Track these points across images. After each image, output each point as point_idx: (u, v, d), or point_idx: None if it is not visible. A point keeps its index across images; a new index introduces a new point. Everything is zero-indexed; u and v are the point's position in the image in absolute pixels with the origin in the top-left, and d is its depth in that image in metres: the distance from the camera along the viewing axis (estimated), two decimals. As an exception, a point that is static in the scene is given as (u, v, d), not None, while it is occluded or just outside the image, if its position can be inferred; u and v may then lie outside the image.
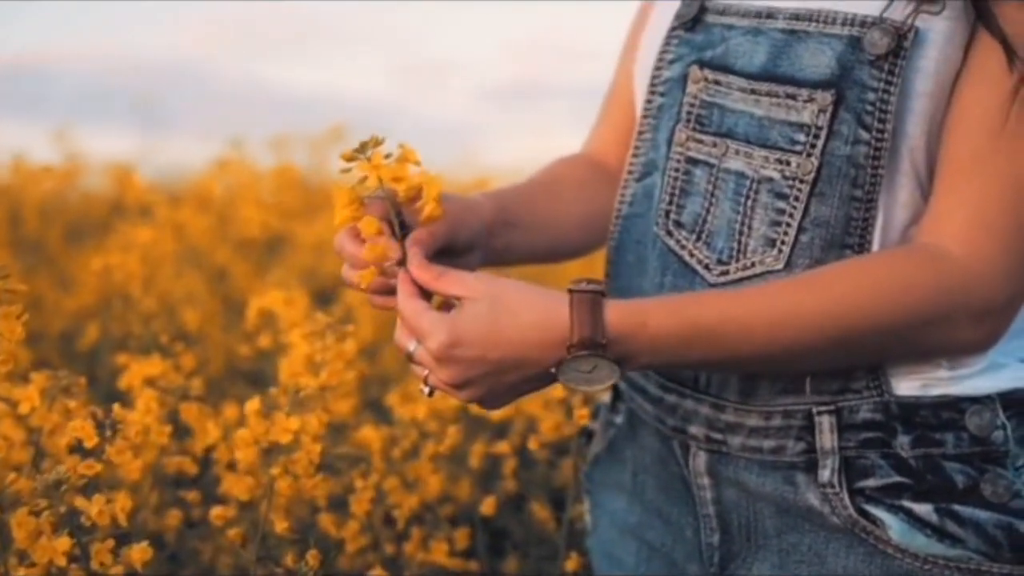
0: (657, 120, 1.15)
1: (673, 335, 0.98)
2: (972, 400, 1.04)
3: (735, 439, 1.09)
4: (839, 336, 0.99)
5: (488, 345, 0.97)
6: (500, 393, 1.01)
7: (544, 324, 0.97)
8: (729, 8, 1.11)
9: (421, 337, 0.99)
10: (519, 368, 0.98)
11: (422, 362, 1.01)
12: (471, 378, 0.99)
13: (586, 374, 0.98)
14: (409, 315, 1.01)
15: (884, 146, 1.01)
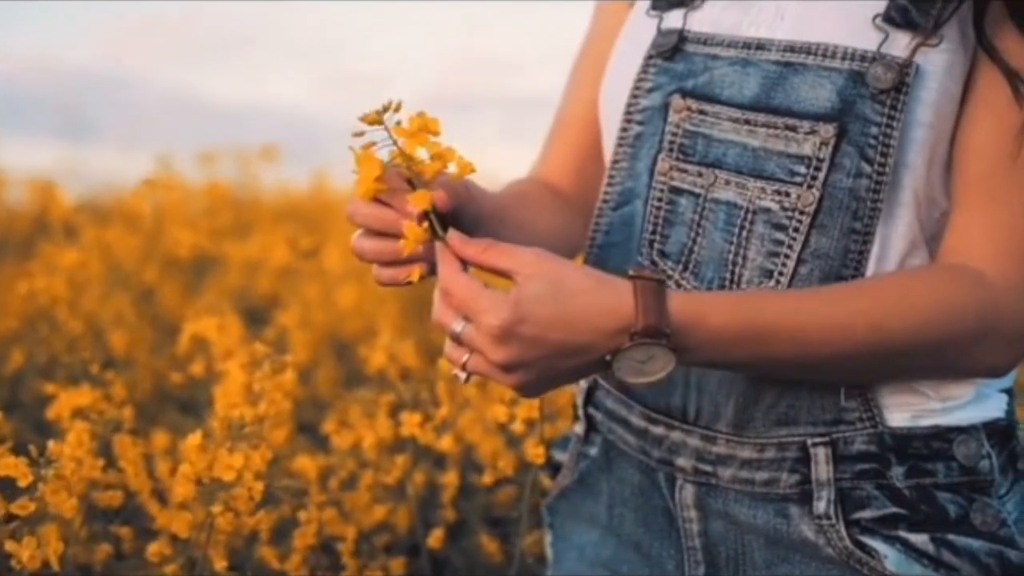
0: (634, 149, 1.14)
1: (730, 331, 0.96)
2: (959, 430, 1.05)
3: (726, 471, 1.08)
4: (884, 349, 0.99)
5: (552, 327, 0.92)
6: (549, 379, 0.96)
7: (608, 310, 0.94)
8: (712, 38, 1.10)
9: (476, 314, 0.92)
10: (578, 354, 0.94)
11: (470, 342, 0.94)
12: (526, 360, 0.93)
13: (640, 364, 0.95)
14: (461, 291, 0.94)
15: (885, 179, 1.02)
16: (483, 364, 0.94)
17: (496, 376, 0.95)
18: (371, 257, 1.01)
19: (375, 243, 1.00)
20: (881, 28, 1.02)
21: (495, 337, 0.92)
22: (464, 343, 0.94)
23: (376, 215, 0.99)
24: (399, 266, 1.01)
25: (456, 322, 0.94)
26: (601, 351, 0.94)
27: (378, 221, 0.99)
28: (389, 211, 0.98)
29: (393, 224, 0.98)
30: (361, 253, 1.01)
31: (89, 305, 2.31)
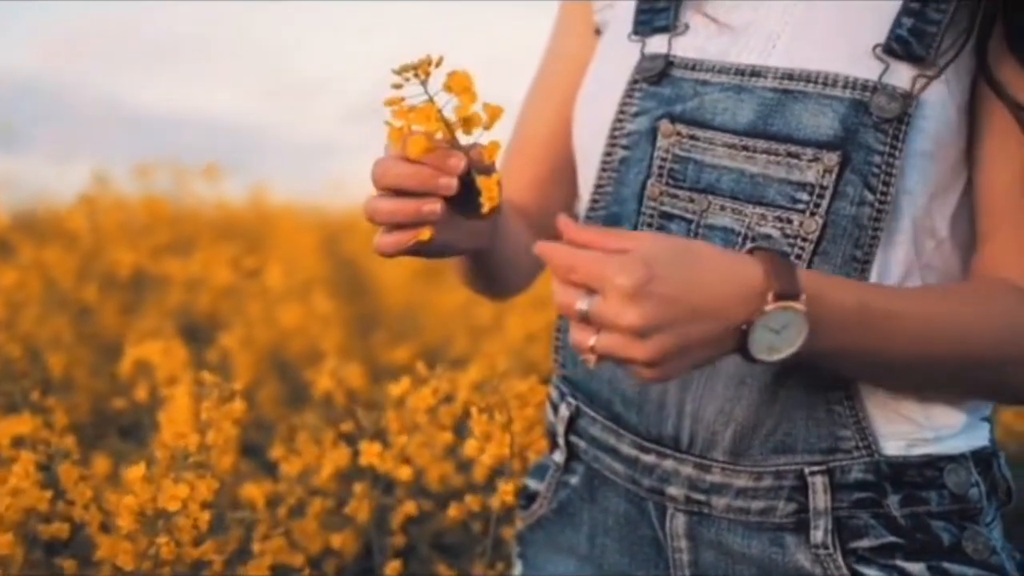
0: (620, 173, 1.13)
1: (845, 310, 0.94)
2: (950, 459, 1.06)
3: (720, 500, 1.08)
4: (966, 356, 0.99)
5: (685, 288, 0.88)
6: (682, 350, 0.89)
7: (740, 274, 0.90)
8: (701, 63, 1.10)
9: (605, 280, 0.86)
10: (713, 319, 0.89)
11: (599, 314, 0.87)
12: (662, 322, 0.87)
13: (775, 334, 0.91)
14: (586, 262, 0.88)
15: (887, 208, 1.02)
16: (613, 339, 0.88)
17: (628, 350, 0.88)
18: (386, 217, 0.97)
19: (395, 203, 0.96)
20: (881, 58, 1.03)
21: (627, 297, 0.86)
22: (592, 319, 0.88)
23: (412, 173, 0.95)
24: (405, 230, 0.97)
25: (582, 300, 0.88)
26: (736, 319, 0.90)
27: (413, 179, 0.95)
28: (425, 168, 0.95)
29: (428, 182, 0.95)
30: (375, 213, 0.97)
31: (26, 326, 2.27)
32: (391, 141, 0.95)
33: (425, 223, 0.97)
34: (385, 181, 0.96)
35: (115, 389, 2.05)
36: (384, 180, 0.96)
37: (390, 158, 0.97)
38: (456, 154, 0.94)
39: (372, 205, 0.98)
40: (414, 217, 0.96)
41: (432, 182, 0.95)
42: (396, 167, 0.96)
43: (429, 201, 0.96)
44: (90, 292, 2.52)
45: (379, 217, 0.97)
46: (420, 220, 0.96)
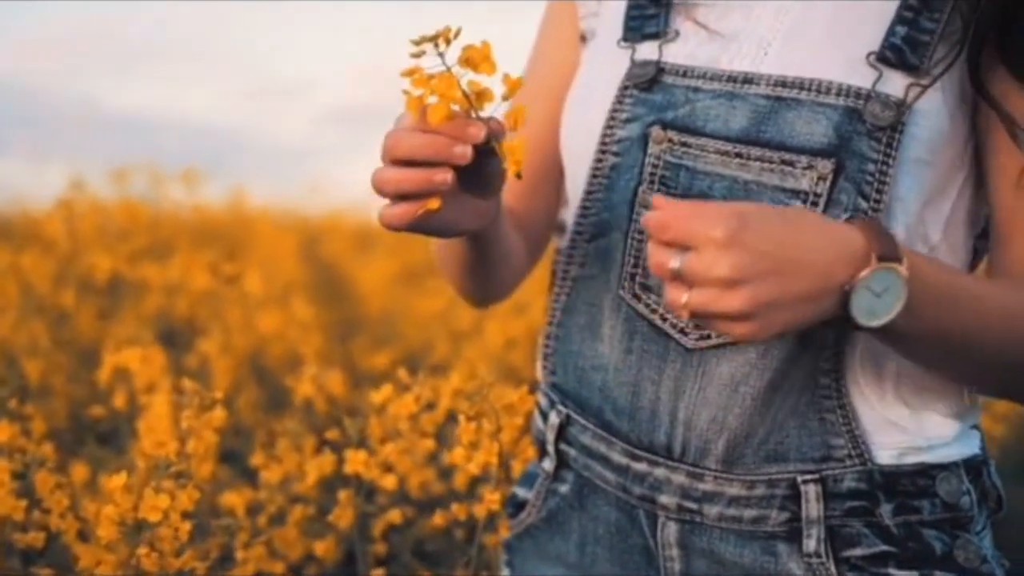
0: (610, 180, 1.12)
1: (939, 285, 0.94)
2: (942, 467, 1.06)
3: (712, 509, 1.07)
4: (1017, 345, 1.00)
5: (782, 242, 0.87)
6: (780, 304, 0.87)
7: (840, 237, 0.90)
8: (691, 70, 1.09)
9: (698, 232, 0.86)
10: (811, 275, 0.88)
11: (691, 268, 0.86)
12: (755, 273, 0.86)
13: (876, 298, 0.90)
14: (680, 217, 0.87)
15: (880, 215, 1.02)
16: (706, 293, 0.86)
17: (720, 302, 0.86)
18: (393, 187, 0.95)
19: (405, 172, 0.94)
20: (875, 66, 1.03)
21: (720, 246, 0.85)
22: (685, 275, 0.87)
23: (427, 143, 0.93)
24: (413, 201, 0.96)
25: (674, 258, 0.87)
26: (836, 278, 0.89)
27: (428, 148, 0.93)
28: (440, 137, 0.93)
29: (443, 151, 0.93)
30: (384, 184, 0.95)
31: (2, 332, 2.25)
32: (408, 111, 0.94)
33: (435, 194, 0.95)
34: (398, 151, 0.94)
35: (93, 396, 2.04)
36: (397, 150, 0.94)
37: (403, 129, 0.95)
38: (476, 123, 0.93)
39: (380, 175, 0.96)
40: (424, 186, 0.94)
41: (447, 151, 0.93)
42: (410, 137, 0.94)
43: (440, 170, 0.94)
44: (67, 297, 2.50)
45: (387, 187, 0.95)
46: (430, 189, 0.94)
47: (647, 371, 1.08)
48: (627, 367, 1.09)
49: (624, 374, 1.09)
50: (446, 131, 0.93)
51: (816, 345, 1.04)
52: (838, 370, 1.05)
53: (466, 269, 1.20)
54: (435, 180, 0.94)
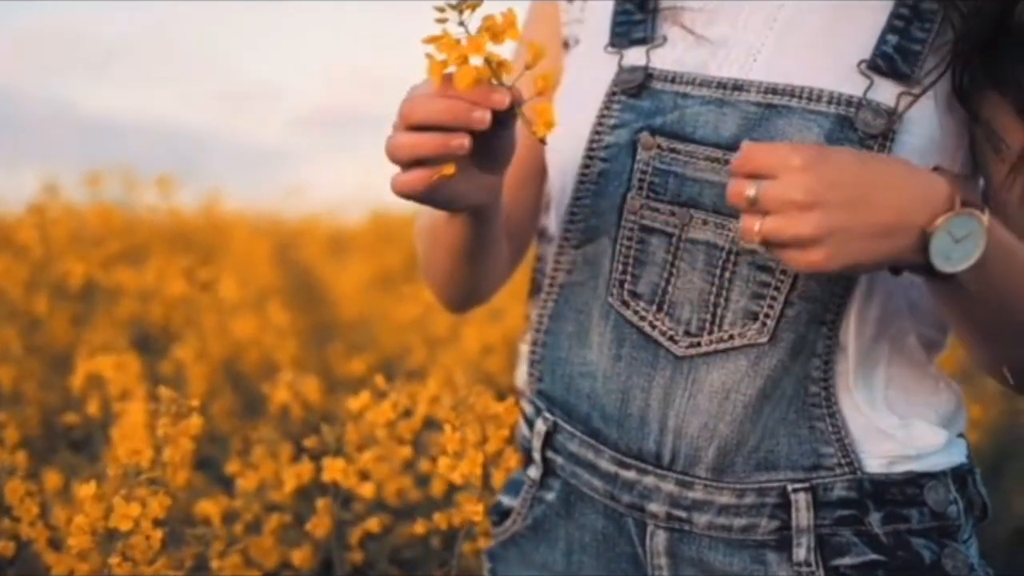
0: (598, 186, 1.11)
1: (1006, 243, 0.95)
2: (930, 476, 1.06)
3: (702, 517, 1.07)
4: None
5: (861, 175, 0.90)
6: (854, 233, 0.90)
7: (924, 179, 0.92)
8: (680, 76, 1.09)
9: (780, 159, 0.91)
10: (889, 210, 0.90)
11: (765, 195, 0.90)
12: (830, 199, 0.89)
13: (955, 244, 0.91)
14: (761, 151, 0.92)
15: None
16: (779, 219, 0.90)
17: (792, 226, 0.89)
18: (408, 152, 0.95)
19: (421, 136, 0.95)
20: (866, 74, 1.03)
21: (798, 171, 0.89)
22: (760, 203, 0.91)
23: (447, 107, 0.93)
24: (427, 167, 0.96)
25: (751, 186, 0.91)
26: (915, 218, 0.90)
27: (447, 112, 0.93)
28: (460, 102, 0.93)
29: (462, 115, 0.93)
30: (398, 148, 0.96)
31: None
32: (430, 76, 0.94)
33: (449, 160, 0.95)
34: (416, 115, 0.94)
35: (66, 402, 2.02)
36: (415, 115, 0.94)
37: (422, 94, 0.94)
38: (500, 89, 0.93)
39: (395, 140, 0.96)
40: (440, 150, 0.94)
41: (466, 115, 0.93)
42: (429, 101, 0.94)
43: (458, 135, 0.94)
44: (40, 303, 2.48)
45: (402, 152, 0.95)
46: (446, 155, 0.94)
47: (636, 378, 1.08)
48: (616, 374, 1.09)
49: (613, 381, 1.09)
50: (469, 97, 0.93)
51: (807, 353, 1.04)
52: (828, 379, 1.05)
53: (457, 255, 1.18)
54: (452, 145, 0.94)
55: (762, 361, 1.04)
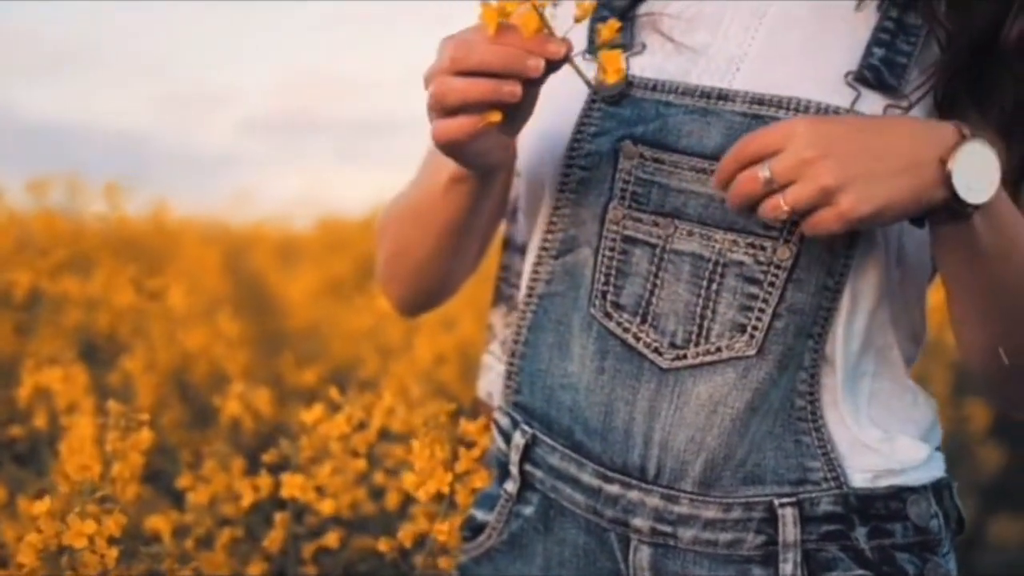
0: (578, 195, 1.10)
1: (1005, 197, 0.98)
2: (912, 490, 1.07)
3: (687, 532, 1.06)
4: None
5: (861, 125, 0.96)
6: (874, 175, 0.93)
7: (923, 123, 0.98)
8: (661, 84, 1.08)
9: (779, 131, 0.95)
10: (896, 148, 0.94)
11: (777, 166, 0.94)
12: (842, 148, 0.93)
13: (974, 173, 0.94)
14: (762, 131, 0.96)
15: (858, 236, 1.03)
16: (801, 184, 0.93)
17: (814, 181, 0.92)
18: (459, 97, 0.95)
19: (472, 81, 0.94)
20: (853, 86, 1.04)
21: (800, 133, 0.93)
22: (775, 177, 0.94)
23: (502, 53, 0.93)
24: (470, 115, 0.96)
25: (761, 168, 0.94)
26: (926, 153, 0.94)
27: (502, 59, 0.94)
28: (516, 49, 0.94)
29: (517, 62, 0.94)
30: (449, 92, 0.95)
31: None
32: (485, 21, 0.94)
33: (500, 107, 0.96)
34: (469, 61, 0.94)
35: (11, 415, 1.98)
36: (468, 60, 0.94)
37: (472, 39, 0.94)
38: (556, 39, 0.94)
39: (444, 84, 0.95)
40: (492, 96, 0.94)
41: (522, 63, 0.93)
42: (483, 46, 0.94)
43: (509, 82, 0.94)
44: (-18, 313, 2.43)
45: (451, 97, 0.95)
46: (497, 101, 0.95)
47: (620, 391, 1.07)
48: (599, 387, 1.08)
49: (596, 394, 1.08)
50: (525, 45, 0.93)
51: (794, 366, 1.04)
52: (814, 392, 1.05)
53: (448, 230, 1.16)
54: (504, 91, 0.94)
55: (750, 374, 1.04)
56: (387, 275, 1.29)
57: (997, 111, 1.04)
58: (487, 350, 1.35)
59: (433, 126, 0.99)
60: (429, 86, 0.98)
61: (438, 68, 0.97)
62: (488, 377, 1.33)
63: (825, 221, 0.94)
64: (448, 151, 1.01)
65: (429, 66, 0.99)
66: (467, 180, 1.10)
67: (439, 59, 0.97)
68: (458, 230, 1.17)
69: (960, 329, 1.09)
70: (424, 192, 1.16)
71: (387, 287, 1.32)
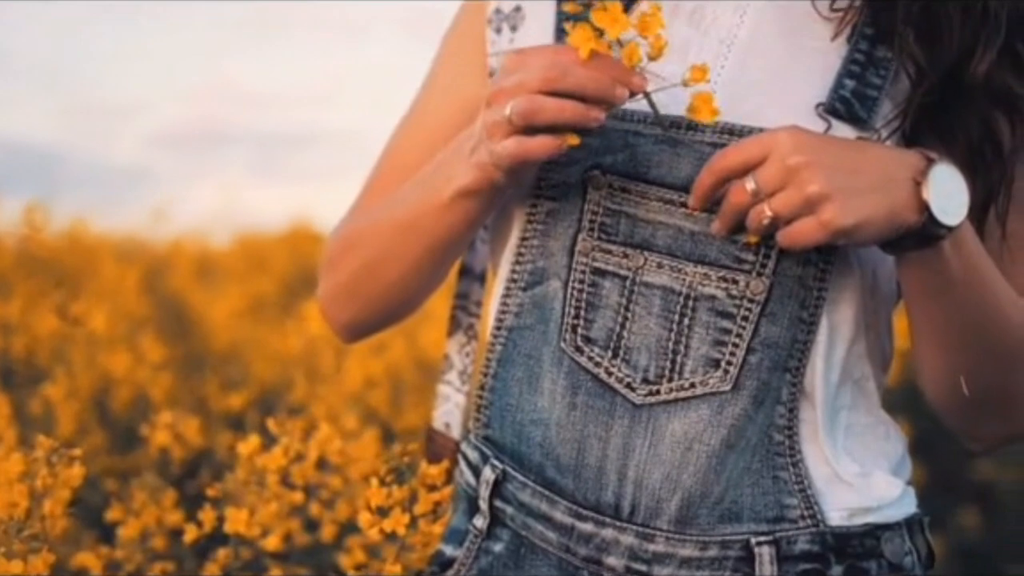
0: (547, 226, 1.08)
1: (971, 240, 1.00)
2: (886, 527, 1.06)
3: (663, 571, 1.04)
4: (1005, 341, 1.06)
5: (835, 143, 0.97)
6: (854, 189, 0.94)
7: (889, 148, 1.00)
8: (630, 114, 1.06)
9: (761, 141, 0.95)
10: (870, 167, 0.95)
11: (760, 176, 0.95)
12: (824, 158, 0.94)
13: (946, 195, 0.95)
14: (736, 145, 0.97)
15: (831, 268, 1.02)
16: (787, 191, 0.94)
17: (800, 189, 0.94)
18: (551, 116, 0.96)
19: (564, 102, 0.96)
20: (824, 118, 1.04)
21: (784, 141, 0.94)
22: (761, 187, 0.95)
23: (596, 79, 0.95)
24: (553, 135, 0.97)
25: (747, 180, 0.95)
26: (898, 173, 0.95)
27: (596, 84, 0.96)
28: (607, 77, 0.96)
29: (608, 90, 0.96)
30: (541, 111, 0.96)
31: None
32: (581, 44, 0.95)
33: (584, 131, 0.98)
34: (565, 83, 0.95)
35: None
36: (564, 81, 0.95)
37: (566, 61, 0.96)
38: (639, 74, 0.96)
39: (536, 102, 0.96)
40: (580, 120, 0.96)
41: (611, 91, 0.96)
42: (580, 71, 0.95)
43: (596, 108, 0.96)
44: None
45: (543, 116, 0.96)
46: (584, 124, 0.97)
47: (593, 427, 1.05)
48: (571, 423, 1.06)
49: (568, 430, 1.06)
50: (613, 74, 0.95)
51: (771, 401, 1.04)
52: (792, 427, 1.04)
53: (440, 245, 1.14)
54: (591, 116, 0.96)
55: (725, 410, 1.03)
56: (346, 294, 1.24)
57: (963, 145, 1.05)
58: (443, 379, 1.33)
59: (508, 142, 0.98)
60: (507, 101, 0.98)
61: (525, 84, 0.97)
62: (445, 407, 1.31)
63: (806, 230, 0.95)
64: (514, 168, 1.01)
65: (504, 79, 0.99)
66: (478, 195, 1.07)
67: (525, 75, 0.97)
68: (451, 245, 1.15)
69: (923, 360, 1.09)
70: (416, 205, 1.13)
71: (342, 307, 1.26)
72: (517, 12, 1.20)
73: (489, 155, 1.01)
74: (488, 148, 1.01)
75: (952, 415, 1.13)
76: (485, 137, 1.01)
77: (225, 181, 11.39)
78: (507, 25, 1.20)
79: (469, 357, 1.29)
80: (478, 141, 1.03)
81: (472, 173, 1.05)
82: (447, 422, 1.31)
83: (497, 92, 0.99)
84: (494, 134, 1.00)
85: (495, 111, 0.99)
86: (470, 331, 1.29)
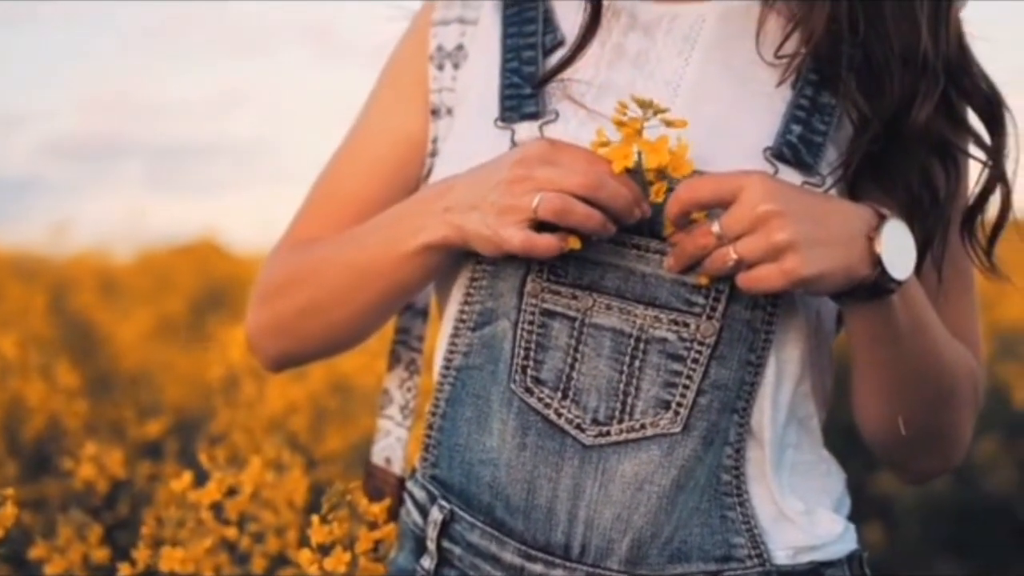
0: (496, 267, 1.08)
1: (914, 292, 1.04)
2: (829, 564, 1.08)
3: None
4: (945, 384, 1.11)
5: (800, 192, 1.00)
6: (819, 240, 0.96)
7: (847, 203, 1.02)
8: None
9: (733, 184, 0.97)
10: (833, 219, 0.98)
11: (725, 221, 0.97)
12: (792, 208, 0.96)
13: (897, 251, 0.99)
14: (705, 178, 0.99)
15: (778, 312, 1.04)
16: (753, 236, 0.96)
17: (767, 236, 0.95)
18: (579, 220, 0.99)
19: (592, 211, 1.00)
20: (771, 162, 1.05)
21: (755, 184, 0.96)
22: (726, 231, 0.96)
23: (623, 195, 1.00)
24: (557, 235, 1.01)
25: (712, 224, 0.97)
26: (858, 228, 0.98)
27: (621, 200, 1.00)
28: (629, 196, 1.00)
29: (629, 210, 1.00)
30: (572, 214, 0.99)
31: None
32: (617, 160, 0.99)
33: (592, 235, 1.02)
34: (599, 194, 0.99)
35: None
36: (599, 193, 0.99)
37: (602, 173, 0.99)
38: (648, 203, 1.01)
39: (569, 204, 0.99)
40: (599, 230, 1.00)
41: (631, 212, 1.00)
42: (615, 187, 1.00)
43: (610, 222, 1.00)
44: None
45: (571, 218, 0.99)
46: (597, 232, 1.01)
47: (543, 468, 1.05)
48: (521, 464, 1.06)
49: (518, 471, 1.06)
50: (631, 192, 1.00)
51: (719, 441, 1.05)
52: (739, 466, 1.06)
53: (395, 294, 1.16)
54: (608, 228, 1.01)
55: (675, 451, 1.04)
56: (283, 329, 1.23)
57: (902, 192, 1.08)
58: (382, 414, 1.32)
59: (517, 234, 1.01)
60: (533, 191, 1.00)
61: (558, 183, 1.00)
62: (385, 442, 1.30)
63: (767, 276, 0.97)
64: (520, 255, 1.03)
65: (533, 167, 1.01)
66: (444, 251, 1.08)
67: (560, 174, 1.00)
68: (405, 294, 1.15)
69: (863, 402, 1.13)
70: (375, 251, 1.12)
71: (274, 340, 1.25)
72: (459, 51, 1.21)
73: (488, 230, 1.02)
74: (490, 225, 1.02)
75: (889, 452, 1.17)
76: (493, 213, 1.02)
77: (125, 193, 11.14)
78: (449, 63, 1.20)
79: (411, 392, 1.29)
80: (471, 208, 1.03)
81: (443, 230, 1.06)
82: (387, 456, 1.30)
83: (524, 178, 1.01)
84: (507, 215, 1.01)
85: (517, 195, 1.01)
86: (411, 366, 1.30)
